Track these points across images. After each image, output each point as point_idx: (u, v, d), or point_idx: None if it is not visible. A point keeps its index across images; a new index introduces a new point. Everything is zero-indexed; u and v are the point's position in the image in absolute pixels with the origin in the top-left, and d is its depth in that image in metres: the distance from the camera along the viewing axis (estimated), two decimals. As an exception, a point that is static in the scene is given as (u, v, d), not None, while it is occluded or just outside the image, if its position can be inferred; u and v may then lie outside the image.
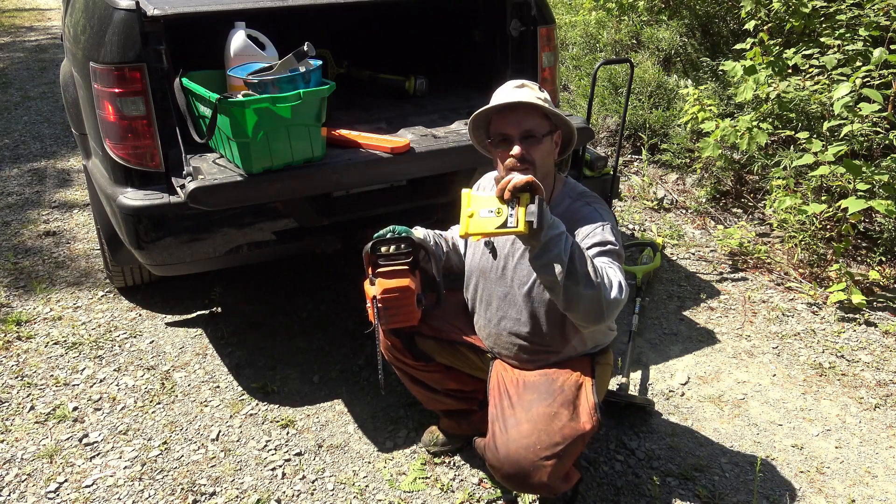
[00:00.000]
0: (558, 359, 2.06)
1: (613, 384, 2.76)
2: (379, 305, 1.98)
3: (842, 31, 3.81)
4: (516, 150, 1.90)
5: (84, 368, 2.93)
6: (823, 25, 3.98)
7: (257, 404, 2.72)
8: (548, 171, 1.98)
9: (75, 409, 2.70)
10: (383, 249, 2.02)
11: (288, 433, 2.58)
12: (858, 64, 3.61)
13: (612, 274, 1.80)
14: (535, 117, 1.92)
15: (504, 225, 1.65)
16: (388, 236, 2.06)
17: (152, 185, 2.46)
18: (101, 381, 2.85)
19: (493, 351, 2.17)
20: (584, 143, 3.04)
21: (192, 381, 2.85)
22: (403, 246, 2.03)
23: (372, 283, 2.00)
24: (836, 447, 2.54)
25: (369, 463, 2.45)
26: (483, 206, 1.68)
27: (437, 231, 2.31)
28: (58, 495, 2.32)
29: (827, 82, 3.66)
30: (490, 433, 1.96)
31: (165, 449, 2.51)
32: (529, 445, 1.85)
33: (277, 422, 2.63)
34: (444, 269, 2.25)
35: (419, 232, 2.20)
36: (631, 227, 4.24)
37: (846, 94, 3.24)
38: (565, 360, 2.06)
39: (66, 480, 2.38)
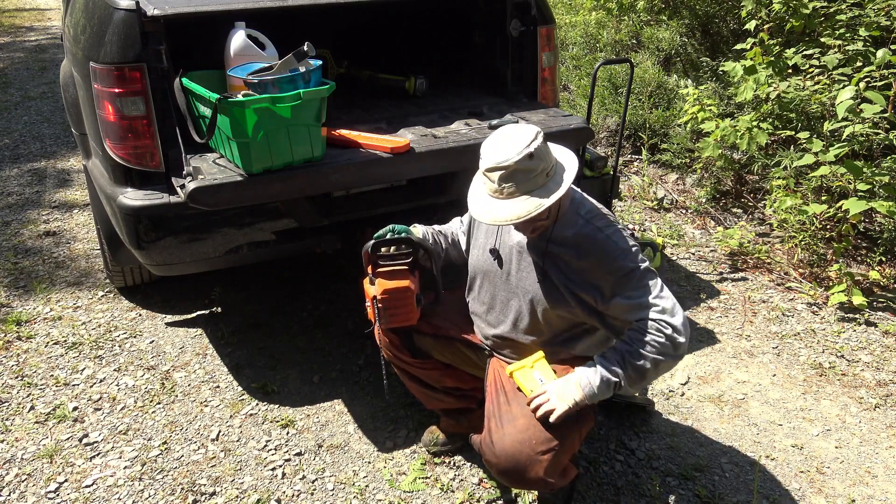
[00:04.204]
0: (558, 359, 2.06)
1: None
2: (379, 305, 2.00)
3: (842, 31, 3.81)
4: (530, 233, 1.93)
5: (84, 368, 2.93)
6: (823, 25, 3.98)
7: (257, 404, 2.72)
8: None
9: (75, 409, 2.70)
10: (383, 250, 2.04)
11: (288, 433, 2.58)
12: (859, 64, 3.61)
13: (663, 327, 1.81)
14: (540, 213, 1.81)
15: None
16: (389, 236, 2.07)
17: (152, 185, 2.46)
18: (101, 381, 2.85)
19: (491, 349, 2.17)
20: (584, 143, 3.04)
21: (192, 381, 2.85)
22: (404, 246, 2.05)
23: (372, 283, 2.02)
24: (836, 447, 2.55)
25: (369, 463, 2.45)
26: (542, 374, 1.96)
27: (437, 227, 2.30)
28: (58, 495, 2.32)
29: (828, 82, 3.66)
30: (486, 429, 1.97)
31: (165, 449, 2.51)
32: (525, 440, 1.86)
33: (277, 422, 2.63)
34: (443, 264, 2.25)
35: (418, 230, 2.20)
36: (631, 227, 4.24)
37: (849, 98, 3.23)
38: (563, 360, 2.06)
39: (66, 480, 2.38)
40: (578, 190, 2.03)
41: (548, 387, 1.89)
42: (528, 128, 1.80)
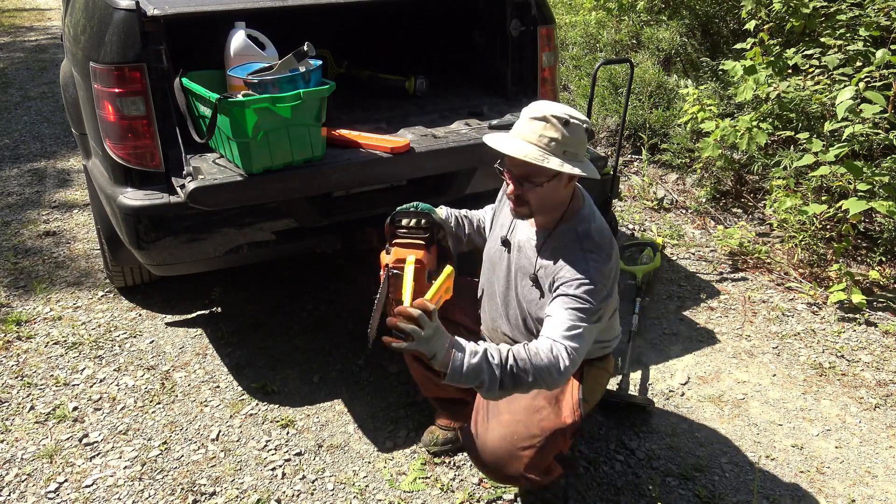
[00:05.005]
0: None
1: (613, 384, 2.76)
2: (391, 274, 2.06)
3: (842, 31, 3.81)
4: (510, 188, 1.90)
5: (84, 368, 2.93)
6: (823, 25, 3.98)
7: (257, 404, 2.72)
8: (553, 207, 1.92)
9: (75, 409, 2.70)
10: (404, 222, 2.12)
11: (288, 433, 2.58)
12: (859, 64, 3.61)
13: (554, 352, 1.73)
14: (536, 165, 1.80)
15: None
16: (411, 210, 2.14)
17: (152, 185, 2.46)
18: (101, 381, 2.85)
19: (490, 341, 2.17)
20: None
21: (192, 381, 2.85)
22: (424, 222, 2.11)
23: (388, 252, 2.09)
24: (836, 447, 2.55)
25: (369, 463, 2.45)
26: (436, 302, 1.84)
27: (465, 211, 2.32)
28: (58, 495, 2.32)
29: (828, 82, 3.66)
30: (473, 422, 2.01)
31: (165, 449, 2.51)
32: (507, 436, 1.90)
33: (277, 422, 2.63)
34: (466, 249, 2.27)
35: (442, 212, 2.24)
36: (631, 227, 4.24)
37: (848, 98, 3.23)
38: None
39: (66, 480, 2.38)
40: (589, 206, 1.98)
41: (426, 333, 1.66)
42: (585, 116, 1.84)
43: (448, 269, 1.91)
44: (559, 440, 1.95)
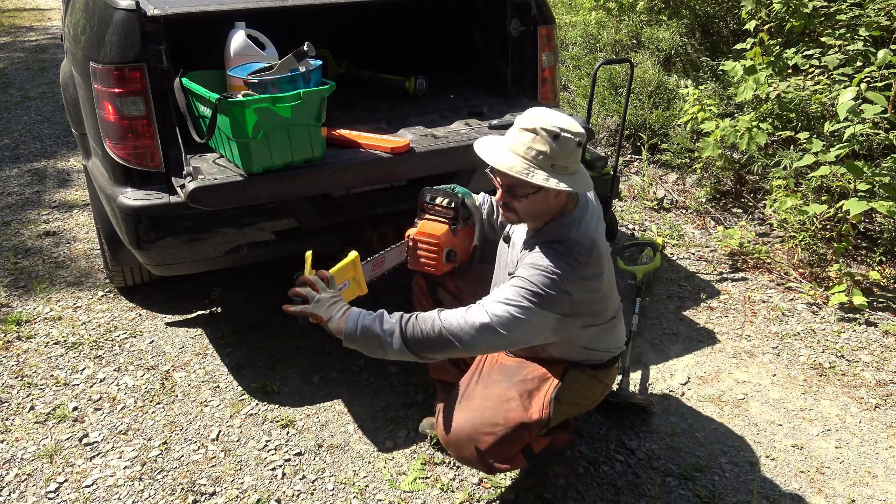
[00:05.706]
0: (538, 356, 2.08)
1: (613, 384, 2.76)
2: (409, 244, 2.19)
3: (842, 31, 3.81)
4: (497, 195, 1.93)
5: (84, 368, 2.93)
6: (824, 25, 3.98)
7: (257, 404, 2.72)
8: (542, 215, 1.91)
9: (75, 409, 2.70)
10: (438, 200, 2.23)
11: (288, 433, 2.58)
12: (859, 65, 3.61)
13: (470, 310, 1.82)
14: (520, 178, 1.80)
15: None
16: (441, 190, 2.24)
17: (152, 185, 2.46)
18: (101, 381, 2.85)
19: None
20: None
21: (192, 381, 2.85)
22: (453, 204, 2.21)
23: (414, 225, 2.23)
24: (836, 447, 2.55)
25: (369, 463, 2.45)
26: (345, 280, 2.07)
27: None
28: (58, 495, 2.32)
29: (828, 83, 3.66)
30: (449, 401, 2.08)
31: (165, 449, 2.51)
32: (471, 419, 1.97)
33: (277, 422, 2.63)
34: (501, 237, 2.30)
35: (478, 198, 2.31)
36: (631, 227, 4.24)
37: (850, 99, 3.23)
38: (546, 359, 2.08)
39: (66, 480, 2.38)
40: (581, 210, 1.95)
41: (323, 296, 1.90)
42: (581, 127, 1.82)
43: (352, 253, 2.02)
44: (524, 434, 1.97)
